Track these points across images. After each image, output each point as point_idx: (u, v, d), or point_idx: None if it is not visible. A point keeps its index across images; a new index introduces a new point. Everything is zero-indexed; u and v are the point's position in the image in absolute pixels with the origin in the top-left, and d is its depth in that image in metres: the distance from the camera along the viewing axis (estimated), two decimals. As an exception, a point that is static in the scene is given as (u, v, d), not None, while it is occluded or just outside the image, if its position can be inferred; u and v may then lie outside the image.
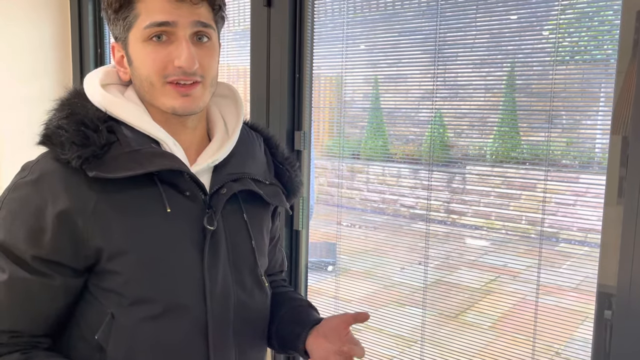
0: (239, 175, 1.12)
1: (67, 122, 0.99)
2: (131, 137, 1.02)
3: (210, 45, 1.05)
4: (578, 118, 1.49)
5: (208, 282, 1.05)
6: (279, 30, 1.96)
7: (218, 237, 1.07)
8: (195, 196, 1.05)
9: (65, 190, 0.96)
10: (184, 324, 1.04)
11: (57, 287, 0.98)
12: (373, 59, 1.83)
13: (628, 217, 1.36)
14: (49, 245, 0.96)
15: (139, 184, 1.00)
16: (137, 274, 1.00)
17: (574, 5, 1.45)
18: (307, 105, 2.00)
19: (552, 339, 1.56)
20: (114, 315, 1.00)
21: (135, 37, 1.01)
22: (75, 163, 0.95)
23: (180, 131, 1.08)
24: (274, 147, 1.27)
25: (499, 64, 1.57)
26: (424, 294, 1.79)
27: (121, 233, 0.99)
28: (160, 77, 1.01)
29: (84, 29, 2.77)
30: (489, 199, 1.66)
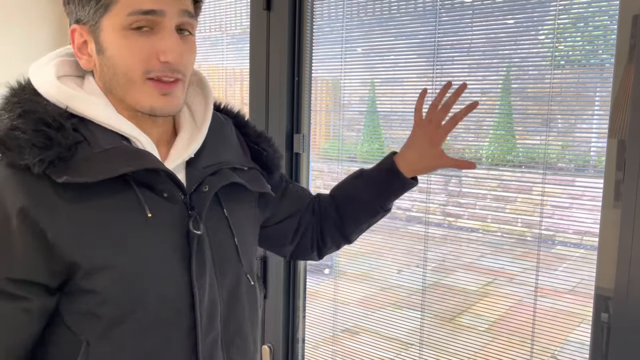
0: (217, 166, 1.01)
1: (23, 122, 0.86)
2: (99, 135, 0.90)
3: (191, 40, 0.95)
4: (573, 121, 1.49)
5: (197, 292, 0.95)
6: (278, 34, 1.97)
7: (202, 241, 0.97)
8: (174, 197, 0.94)
9: (29, 200, 0.84)
10: (170, 341, 0.95)
11: (32, 310, 0.88)
12: (370, 62, 1.83)
13: (625, 220, 1.37)
14: (19, 263, 0.85)
15: (112, 188, 0.89)
16: (117, 291, 0.89)
17: (569, 10, 1.45)
18: (306, 108, 2.00)
19: (549, 341, 1.57)
20: (89, 342, 0.90)
21: (111, 24, 0.88)
22: (38, 169, 0.83)
23: (149, 126, 0.97)
24: (243, 125, 1.16)
25: (496, 68, 1.58)
26: (423, 296, 1.79)
27: (98, 246, 0.87)
28: (142, 72, 0.89)
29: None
30: (485, 201, 1.66)
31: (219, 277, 1.01)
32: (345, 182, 1.30)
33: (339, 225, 1.28)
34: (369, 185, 1.25)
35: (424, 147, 1.22)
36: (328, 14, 1.93)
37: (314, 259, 1.33)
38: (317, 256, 1.32)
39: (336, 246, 1.32)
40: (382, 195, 1.24)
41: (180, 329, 0.95)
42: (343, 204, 1.28)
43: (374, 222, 1.30)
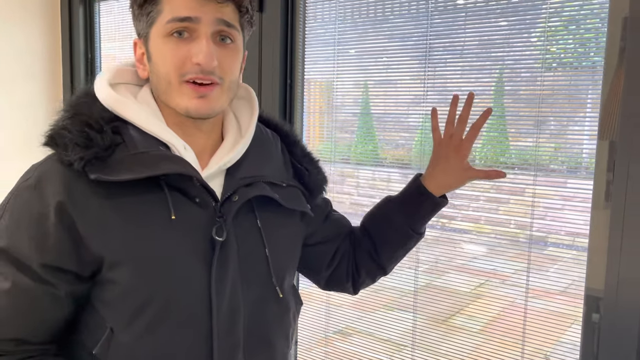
0: (253, 179, 1.05)
1: (71, 123, 0.95)
2: (138, 138, 0.97)
3: (232, 47, 1.00)
4: (565, 123, 1.50)
5: (215, 296, 0.98)
6: (270, 36, 1.96)
7: (228, 247, 1.00)
8: (206, 203, 0.99)
9: (67, 193, 0.92)
10: (186, 342, 0.98)
11: (61, 297, 0.95)
12: (363, 64, 1.84)
13: (615, 221, 1.38)
14: (54, 250, 0.92)
15: (144, 189, 0.95)
16: (135, 285, 0.94)
17: (561, 12, 1.46)
18: (298, 110, 2.00)
19: (541, 342, 1.57)
20: (113, 330, 0.96)
21: (156, 33, 0.97)
22: (78, 165, 0.91)
23: (194, 134, 1.03)
24: (292, 144, 1.21)
25: (488, 70, 1.58)
26: (415, 298, 1.80)
27: (121, 240, 0.93)
28: (178, 75, 0.96)
29: (74, 33, 2.76)
30: (478, 203, 1.67)
31: (243, 285, 1.03)
32: (374, 210, 1.30)
33: (373, 254, 1.27)
34: (399, 209, 1.25)
35: (450, 163, 1.22)
36: (321, 16, 1.93)
37: (349, 291, 1.32)
38: (352, 288, 1.31)
39: (371, 278, 1.31)
40: (413, 217, 1.24)
41: (197, 331, 0.98)
42: (375, 231, 1.27)
43: (409, 248, 1.28)
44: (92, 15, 2.75)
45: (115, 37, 2.69)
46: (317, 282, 1.31)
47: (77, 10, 2.74)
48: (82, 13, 2.75)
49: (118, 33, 2.67)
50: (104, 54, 2.76)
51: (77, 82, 2.77)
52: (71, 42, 2.77)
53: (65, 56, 2.80)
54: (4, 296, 0.93)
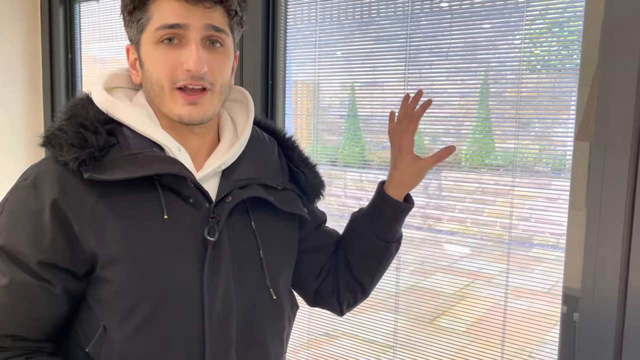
0: (247, 181, 1.07)
1: (67, 124, 0.97)
2: (132, 140, 0.99)
3: (222, 51, 1.01)
4: (550, 125, 1.52)
5: (207, 296, 0.99)
6: (251, 37, 1.96)
7: (221, 248, 1.01)
8: (200, 204, 1.00)
9: (62, 192, 0.94)
10: (178, 341, 0.98)
11: (58, 294, 0.96)
12: (349, 65, 1.84)
13: (591, 221, 1.40)
14: (50, 247, 0.94)
15: (138, 189, 0.97)
16: (128, 284, 0.96)
17: (545, 15, 1.48)
18: (280, 111, 2.00)
19: (525, 342, 1.59)
20: (106, 328, 0.97)
21: (147, 39, 0.99)
22: (72, 165, 0.93)
23: (188, 137, 1.05)
24: (290, 149, 1.22)
25: (473, 72, 1.60)
26: (396, 299, 1.80)
27: (115, 239, 0.95)
28: (170, 82, 0.98)
29: (54, 34, 2.73)
30: (464, 204, 1.68)
31: (237, 286, 1.04)
32: (347, 223, 1.30)
33: (348, 265, 1.25)
34: (364, 217, 1.24)
35: (399, 160, 1.21)
36: (300, 18, 1.93)
37: (336, 308, 1.30)
38: (337, 305, 1.29)
39: (352, 295, 1.27)
40: (376, 224, 1.22)
41: (189, 330, 0.99)
42: (345, 242, 1.27)
43: (380, 258, 1.25)
44: (72, 16, 2.72)
45: (96, 38, 2.66)
46: (305, 296, 1.29)
47: (57, 11, 2.71)
48: (62, 14, 2.71)
49: (99, 34, 2.64)
50: (84, 55, 2.73)
51: (57, 83, 2.74)
52: (51, 43, 2.74)
53: (45, 57, 2.77)
54: (2, 292, 0.94)
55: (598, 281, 1.39)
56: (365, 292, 1.29)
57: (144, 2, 0.98)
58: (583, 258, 1.41)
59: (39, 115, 2.81)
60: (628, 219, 1.35)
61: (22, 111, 2.73)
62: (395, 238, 1.25)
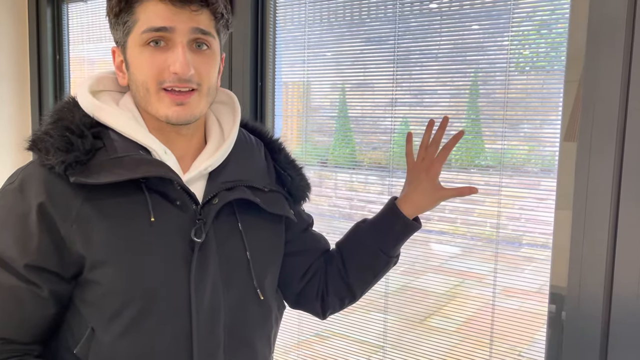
0: (234, 183, 1.08)
1: (53, 128, 0.98)
2: (118, 143, 0.99)
3: (209, 53, 1.02)
4: (538, 125, 1.53)
5: (194, 297, 0.99)
6: (240, 38, 1.96)
7: (208, 249, 1.02)
8: (187, 206, 1.01)
9: (48, 195, 0.94)
10: (166, 342, 0.99)
11: (45, 297, 0.96)
12: (339, 66, 1.84)
13: (577, 220, 1.41)
14: (36, 250, 0.94)
15: (125, 192, 0.97)
16: (115, 285, 0.97)
17: (533, 17, 1.49)
18: (269, 113, 2.00)
19: (514, 341, 1.60)
20: (94, 329, 0.98)
21: (133, 42, 0.99)
22: (59, 168, 0.93)
23: (175, 139, 1.05)
24: (276, 151, 1.22)
25: (463, 73, 1.60)
26: (386, 299, 1.81)
27: (102, 242, 0.95)
28: (156, 83, 0.98)
29: (42, 35, 2.71)
30: (453, 204, 1.69)
31: (224, 287, 1.05)
32: (349, 230, 1.30)
33: (342, 272, 1.26)
34: (371, 229, 1.25)
35: (421, 184, 1.22)
36: (290, 19, 1.93)
37: (318, 312, 1.30)
38: (320, 309, 1.29)
39: (339, 301, 1.28)
40: (383, 238, 1.23)
41: (177, 331, 0.99)
42: (346, 249, 1.27)
43: (377, 270, 1.26)
44: (60, 16, 2.70)
45: (84, 39, 2.65)
46: (287, 298, 1.29)
47: (44, 12, 2.68)
48: (50, 14, 2.70)
49: (87, 35, 2.63)
50: (72, 56, 2.71)
51: (45, 85, 2.73)
52: (39, 44, 2.72)
53: (32, 58, 2.75)
54: None
55: (584, 280, 1.40)
56: (353, 299, 1.30)
57: (130, 4, 0.98)
58: (569, 257, 1.42)
59: (26, 117, 2.79)
60: (613, 218, 1.36)
61: (9, 113, 2.71)
62: (397, 253, 1.27)
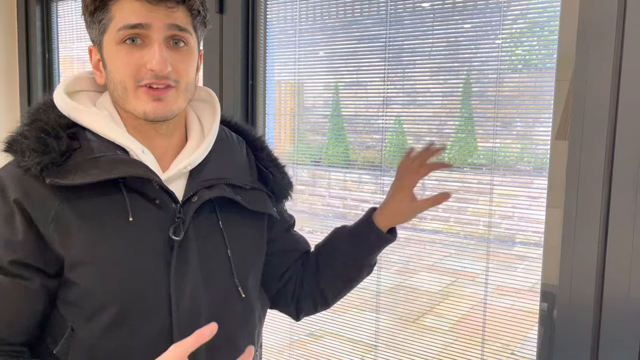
0: (214, 181, 1.07)
1: (29, 130, 0.98)
2: (95, 144, 0.99)
3: (186, 50, 1.02)
4: (531, 123, 1.53)
5: (174, 295, 0.99)
6: (231, 37, 1.95)
7: (188, 247, 1.02)
8: (166, 205, 1.01)
9: (24, 194, 0.95)
10: (146, 338, 0.98)
11: (35, 289, 0.97)
12: (332, 65, 1.84)
13: (568, 219, 1.41)
14: (21, 246, 0.95)
15: (104, 192, 0.97)
16: (94, 285, 0.97)
17: (526, 14, 1.49)
18: (260, 112, 1.99)
19: (507, 340, 1.60)
20: (74, 329, 0.98)
21: (109, 40, 0.99)
22: (34, 170, 0.94)
23: (154, 138, 1.05)
24: (259, 149, 1.22)
25: (455, 72, 1.60)
26: (377, 298, 1.80)
27: (80, 242, 0.96)
28: (133, 81, 0.98)
29: (30, 34, 2.69)
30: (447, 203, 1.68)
31: (205, 285, 1.04)
32: (328, 236, 1.30)
33: (317, 276, 1.26)
34: (348, 237, 1.26)
35: (398, 194, 1.23)
36: (283, 17, 1.92)
37: (293, 314, 1.31)
38: (295, 311, 1.30)
39: (312, 303, 1.29)
40: (357, 247, 1.24)
41: (157, 330, 0.99)
42: (322, 253, 1.28)
43: (351, 278, 1.27)
44: (49, 15, 2.68)
45: (74, 38, 2.63)
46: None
47: (33, 10, 2.66)
48: (39, 13, 2.67)
49: (76, 34, 2.61)
50: (61, 55, 2.69)
51: (34, 84, 2.71)
52: (27, 43, 2.70)
53: (21, 57, 2.72)
54: None
55: (575, 278, 1.41)
56: (326, 305, 1.30)
57: (105, 2, 0.98)
58: (560, 255, 1.43)
59: (15, 116, 2.77)
60: (604, 217, 1.37)
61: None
62: (371, 263, 1.27)
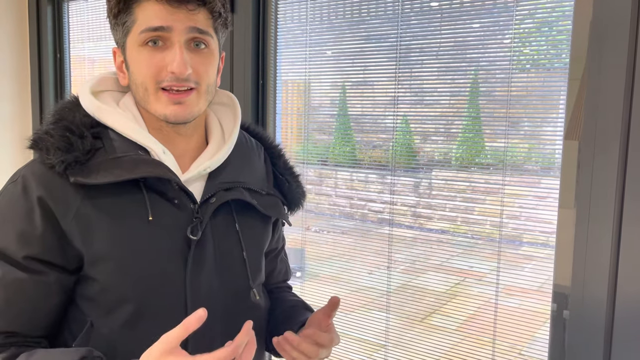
0: (232, 184, 1.09)
1: (54, 128, 1.00)
2: (117, 143, 1.01)
3: (207, 52, 1.03)
4: (539, 123, 1.53)
5: (190, 292, 1.01)
6: (242, 37, 1.96)
7: (205, 247, 1.04)
8: (184, 205, 1.03)
9: (48, 191, 0.96)
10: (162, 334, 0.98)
11: (50, 283, 0.98)
12: (340, 65, 1.84)
13: (581, 219, 1.40)
14: (40, 244, 0.96)
15: (125, 191, 0.99)
16: (113, 281, 0.99)
17: (534, 14, 1.49)
18: (271, 111, 2.00)
19: (515, 339, 1.60)
20: (93, 323, 1.00)
21: (132, 42, 1.01)
22: (59, 168, 0.96)
23: (174, 139, 1.07)
24: (276, 157, 1.24)
25: (463, 71, 1.60)
26: (388, 298, 1.81)
27: (100, 239, 0.98)
28: (154, 82, 1.00)
29: (42, 34, 2.71)
30: (454, 203, 1.68)
31: (220, 285, 1.06)
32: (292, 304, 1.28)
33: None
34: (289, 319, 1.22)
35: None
36: (290, 17, 1.93)
37: None
38: None
39: None
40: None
41: (171, 326, 0.98)
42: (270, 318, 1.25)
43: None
44: (60, 15, 2.70)
45: (85, 38, 2.65)
46: None
47: (45, 10, 2.69)
48: (51, 13, 2.70)
49: (87, 34, 2.63)
50: (73, 55, 2.71)
51: (46, 83, 2.73)
52: (39, 43, 2.72)
53: (33, 56, 2.75)
54: None
55: (588, 279, 1.40)
56: None
57: (129, 5, 1.00)
58: (573, 256, 1.42)
59: (27, 115, 2.79)
60: (617, 217, 1.36)
61: (10, 112, 2.72)
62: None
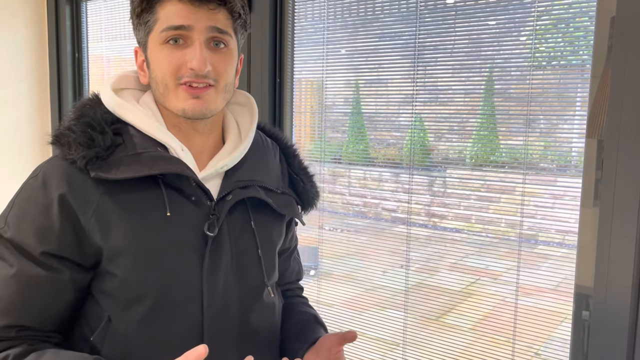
0: (248, 182, 1.11)
1: (76, 124, 1.02)
2: (137, 140, 1.03)
3: (226, 52, 1.05)
4: (555, 122, 1.51)
5: (206, 288, 1.03)
6: (259, 35, 1.96)
7: (221, 244, 1.06)
8: (201, 202, 1.05)
9: (69, 187, 0.98)
10: (178, 329, 1.02)
11: (64, 281, 1.00)
12: (354, 63, 1.84)
13: (603, 219, 1.38)
14: (57, 240, 0.98)
15: (143, 187, 1.01)
16: (131, 276, 1.00)
17: (550, 11, 1.47)
18: (287, 109, 2.00)
19: (532, 339, 1.58)
20: (111, 318, 1.01)
21: (153, 41, 1.03)
22: (80, 163, 0.98)
23: (192, 136, 1.09)
24: (291, 156, 1.26)
25: (478, 69, 1.59)
26: (406, 296, 1.80)
27: (119, 234, 0.99)
28: (174, 79, 1.02)
29: (61, 33, 2.74)
30: (469, 201, 1.67)
31: (236, 281, 1.08)
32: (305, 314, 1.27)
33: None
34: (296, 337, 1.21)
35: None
36: (311, 15, 1.93)
37: None
38: None
39: None
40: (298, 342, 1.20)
41: (189, 322, 1.03)
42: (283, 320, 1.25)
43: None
44: (78, 15, 2.73)
45: (102, 37, 2.67)
46: None
47: (63, 10, 2.72)
48: (69, 12, 2.73)
49: (105, 33, 2.65)
50: (91, 54, 2.74)
51: (65, 82, 2.76)
52: (58, 42, 2.75)
53: (52, 56, 2.78)
54: (10, 282, 0.98)
55: (610, 280, 1.38)
56: None
57: (151, 4, 1.03)
58: (595, 256, 1.40)
59: (46, 113, 2.83)
60: (641, 217, 1.34)
61: (29, 110, 2.75)
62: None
